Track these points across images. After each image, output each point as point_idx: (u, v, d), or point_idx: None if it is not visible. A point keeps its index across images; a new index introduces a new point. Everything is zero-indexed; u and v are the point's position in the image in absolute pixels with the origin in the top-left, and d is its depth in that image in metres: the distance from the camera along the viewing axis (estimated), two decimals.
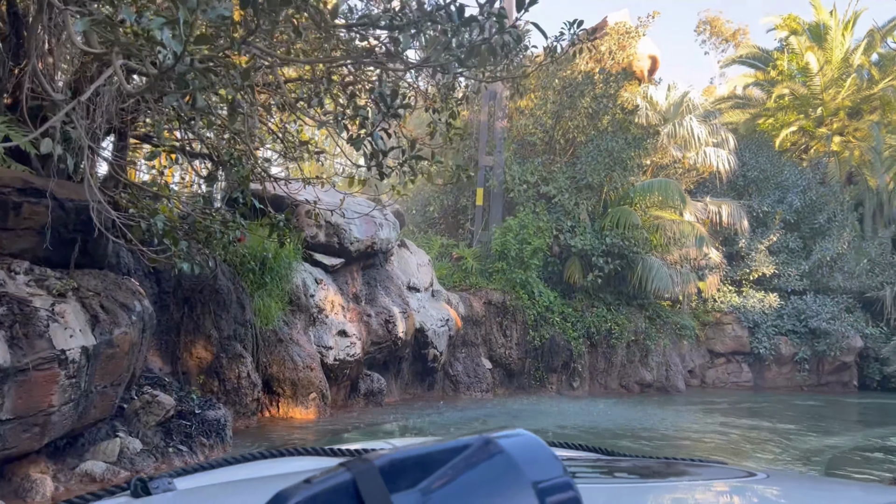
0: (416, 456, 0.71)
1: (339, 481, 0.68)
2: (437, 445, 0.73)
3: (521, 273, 16.28)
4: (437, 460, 0.70)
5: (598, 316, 17.90)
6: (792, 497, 1.33)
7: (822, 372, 25.24)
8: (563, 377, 17.19)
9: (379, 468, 0.69)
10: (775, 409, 17.45)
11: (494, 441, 0.72)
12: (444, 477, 0.68)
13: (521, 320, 16.49)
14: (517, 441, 0.73)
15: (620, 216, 17.55)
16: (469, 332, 15.53)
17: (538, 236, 16.74)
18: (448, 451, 0.71)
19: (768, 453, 10.70)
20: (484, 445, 0.72)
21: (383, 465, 0.69)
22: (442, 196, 19.29)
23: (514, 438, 0.74)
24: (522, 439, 0.74)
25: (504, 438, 0.73)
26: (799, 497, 1.32)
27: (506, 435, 0.74)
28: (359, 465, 0.69)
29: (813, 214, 26.03)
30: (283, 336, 10.64)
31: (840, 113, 29.87)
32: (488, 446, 0.72)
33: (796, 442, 11.85)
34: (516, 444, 0.73)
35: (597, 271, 17.63)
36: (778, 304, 24.50)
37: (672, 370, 19.87)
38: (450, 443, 0.73)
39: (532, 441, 0.74)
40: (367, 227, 12.83)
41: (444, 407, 13.69)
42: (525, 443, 0.73)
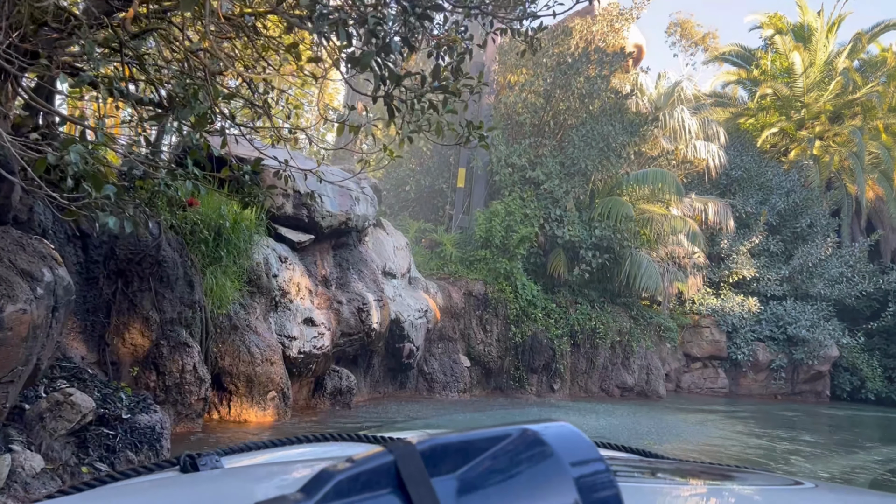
0: (458, 442, 0.71)
1: (381, 462, 0.68)
2: (479, 433, 0.72)
3: (505, 263, 14.78)
4: (478, 447, 0.70)
5: (583, 313, 16.54)
6: None
7: (797, 381, 24.48)
8: (544, 378, 15.77)
9: (420, 452, 0.69)
10: (781, 421, 16.32)
11: (536, 431, 0.72)
12: (485, 464, 0.68)
13: (503, 315, 14.99)
14: (558, 432, 0.72)
15: (612, 207, 16.19)
16: (447, 326, 13.97)
17: (525, 224, 15.25)
18: (489, 438, 0.71)
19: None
20: (525, 435, 0.71)
21: (425, 450, 0.69)
22: (419, 175, 17.65)
23: (555, 429, 0.73)
24: (564, 431, 0.73)
25: (545, 429, 0.72)
26: None
27: (548, 426, 0.73)
28: (400, 448, 0.70)
29: (795, 218, 25.23)
30: (239, 322, 8.90)
31: (822, 117, 29.19)
32: (530, 436, 0.71)
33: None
34: (557, 435, 0.72)
35: (584, 265, 16.25)
36: (757, 309, 23.61)
37: (653, 374, 18.67)
38: (491, 431, 0.72)
39: (573, 433, 0.73)
40: (341, 201, 11.13)
41: (418, 409, 12.12)
42: (566, 434, 0.72)
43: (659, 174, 16.63)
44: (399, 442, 0.71)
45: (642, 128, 16.65)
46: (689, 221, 17.97)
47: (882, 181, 27.36)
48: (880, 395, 25.95)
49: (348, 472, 0.67)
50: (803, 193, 25.26)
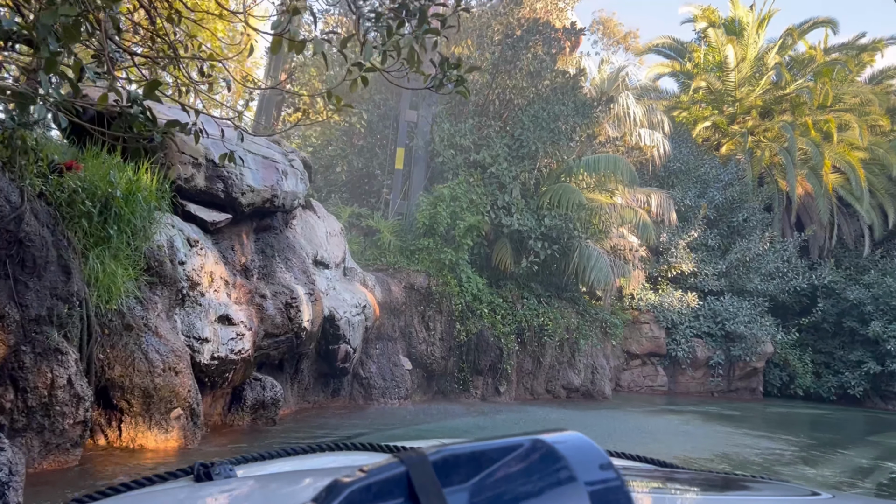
0: (470, 452, 0.70)
1: (393, 473, 0.68)
2: (491, 444, 0.71)
3: (450, 254, 13.22)
4: (490, 458, 0.69)
5: (530, 309, 15.19)
6: None
7: (733, 377, 24.11)
8: (490, 380, 14.33)
9: (432, 462, 0.68)
10: (772, 421, 15.45)
11: (548, 442, 0.71)
12: (497, 475, 0.67)
13: (448, 310, 13.44)
14: (571, 442, 0.71)
15: (562, 194, 14.89)
16: (386, 324, 12.29)
17: (471, 211, 13.74)
18: (501, 449, 0.70)
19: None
20: (537, 445, 0.70)
21: (437, 460, 0.68)
22: (351, 156, 15.84)
23: (567, 439, 0.72)
24: (576, 441, 0.72)
25: (556, 439, 0.71)
26: None
27: (560, 436, 0.72)
28: (413, 458, 0.69)
29: (731, 212, 24.85)
30: (135, 321, 6.95)
31: (753, 112, 29.11)
32: (542, 446, 0.70)
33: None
34: (570, 445, 0.71)
35: (532, 257, 14.89)
36: (696, 305, 23.03)
37: (599, 373, 17.58)
38: (503, 441, 0.71)
39: (585, 443, 0.72)
40: (265, 174, 9.27)
41: (354, 421, 10.40)
42: (578, 444, 0.71)
43: (611, 160, 15.46)
44: (411, 452, 0.71)
45: (594, 109, 15.43)
46: (640, 212, 16.95)
47: (811, 177, 27.42)
48: (808, 391, 26.00)
49: (360, 483, 0.67)
50: (740, 187, 24.89)
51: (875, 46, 28.36)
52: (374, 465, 0.71)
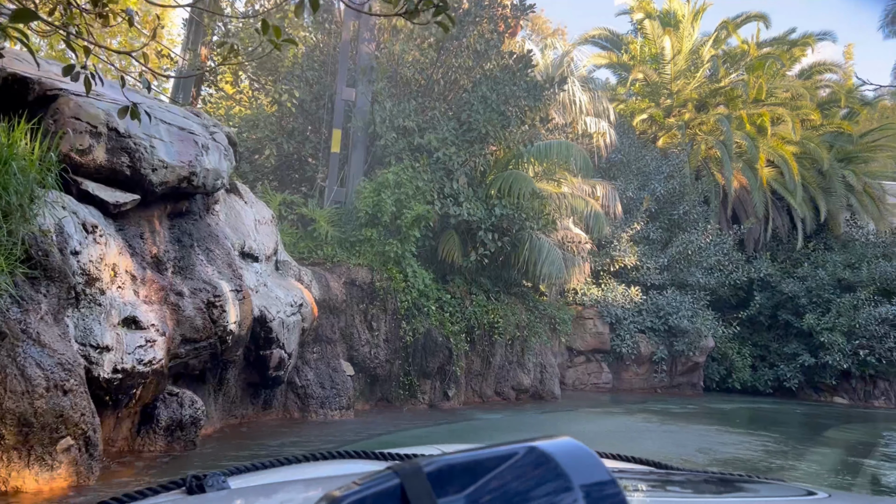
0: (464, 462, 0.69)
1: (387, 485, 0.67)
2: (486, 452, 0.71)
3: (396, 246, 11.92)
4: (485, 467, 0.68)
5: (479, 306, 14.06)
6: None
7: (675, 373, 23.75)
8: (438, 384, 13.11)
9: (427, 473, 0.67)
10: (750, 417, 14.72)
11: (542, 449, 0.70)
12: (492, 484, 0.66)
13: (393, 308, 12.14)
14: (565, 449, 0.70)
15: (513, 182, 13.81)
16: (325, 324, 10.88)
17: (418, 199, 12.48)
18: (496, 457, 0.69)
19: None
20: (532, 453, 0.69)
21: (431, 471, 0.67)
22: (281, 139, 14.27)
23: (561, 446, 0.71)
24: (570, 447, 0.71)
25: (551, 446, 0.70)
26: None
27: (554, 443, 0.71)
28: (407, 470, 0.68)
29: (672, 205, 24.47)
30: (8, 325, 5.37)
31: (689, 105, 28.95)
32: (536, 454, 0.69)
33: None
34: (564, 452, 0.70)
35: (482, 249, 13.76)
36: (640, 299, 22.49)
37: (548, 372, 16.64)
38: (498, 449, 0.71)
39: (580, 449, 0.71)
40: (181, 147, 7.74)
41: (289, 439, 8.99)
42: (573, 451, 0.70)
43: (564, 147, 14.48)
44: (405, 463, 0.70)
45: (546, 91, 14.40)
46: (591, 202, 16.07)
47: (746, 171, 27.43)
48: (745, 384, 25.99)
49: (353, 497, 0.66)
50: (681, 179, 24.53)
51: (805, 42, 28.68)
52: (368, 476, 0.69)
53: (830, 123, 28.58)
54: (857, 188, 27.87)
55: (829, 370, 25.59)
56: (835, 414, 21.11)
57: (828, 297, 25.63)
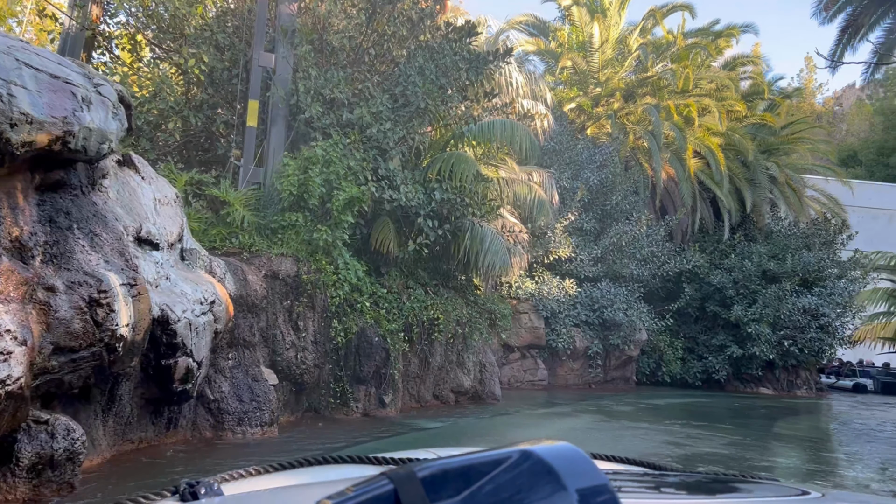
0: (458, 466, 0.69)
1: (381, 490, 0.66)
2: (479, 456, 0.70)
3: (325, 233, 10.32)
4: (478, 471, 0.68)
5: (418, 301, 12.64)
6: None
7: (609, 367, 23.11)
8: (373, 390, 11.60)
9: (420, 479, 0.67)
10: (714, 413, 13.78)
11: (536, 453, 0.69)
12: (486, 488, 0.66)
13: (322, 305, 10.54)
14: (559, 453, 0.70)
15: (455, 164, 12.45)
16: (242, 325, 9.18)
17: (349, 180, 10.94)
18: (490, 462, 0.69)
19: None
20: (526, 457, 0.69)
21: (425, 476, 0.67)
22: (187, 112, 12.34)
23: (556, 450, 0.70)
24: (564, 450, 0.71)
25: (545, 450, 0.70)
26: None
27: (548, 447, 0.71)
28: (400, 475, 0.68)
29: (605, 195, 23.78)
30: None
31: (617, 94, 28.44)
32: (530, 458, 0.69)
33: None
34: (558, 455, 0.69)
35: (421, 238, 12.35)
36: (574, 292, 21.65)
37: (488, 372, 15.41)
38: (492, 453, 0.70)
39: (574, 452, 0.71)
40: (54, 100, 5.94)
41: (200, 462, 7.31)
42: (567, 454, 0.70)
43: (508, 126, 13.21)
44: (399, 468, 0.69)
45: (489, 64, 13.08)
46: (535, 188, 14.91)
47: (674, 162, 27.16)
48: (675, 377, 25.72)
49: (348, 502, 0.66)
50: (613, 169, 23.86)
51: (730, 33, 28.72)
52: (361, 482, 0.69)
53: (754, 115, 28.74)
54: (779, 180, 28.14)
55: (755, 361, 25.65)
56: (771, 406, 20.93)
57: (754, 288, 25.67)
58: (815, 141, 29.12)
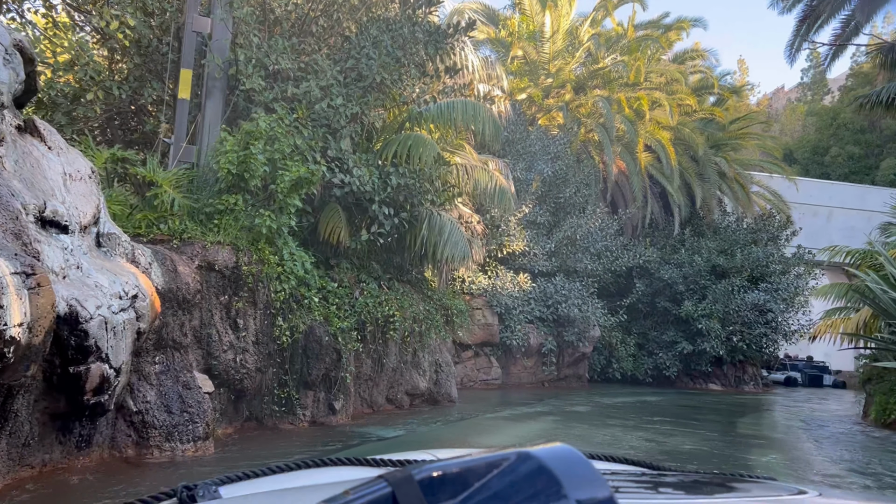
0: (456, 469, 0.69)
1: (378, 494, 0.67)
2: (477, 458, 0.71)
3: (269, 219, 9.09)
4: (476, 473, 0.68)
5: (371, 296, 11.52)
6: None
7: (563, 365, 22.43)
8: (322, 395, 10.43)
9: (418, 481, 0.67)
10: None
11: (534, 455, 0.69)
12: (483, 490, 0.66)
13: (265, 301, 9.31)
14: (557, 455, 0.70)
15: (413, 146, 11.37)
16: (172, 324, 7.89)
17: (295, 160, 9.73)
18: (487, 464, 0.69)
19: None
20: (523, 459, 0.69)
21: (422, 478, 0.67)
22: (110, 82, 10.85)
23: (553, 452, 0.70)
24: (562, 452, 0.71)
25: (543, 452, 0.70)
26: None
27: (545, 449, 0.71)
28: (397, 477, 0.68)
29: (558, 188, 23.07)
30: None
31: (568, 86, 27.84)
32: (527, 460, 0.69)
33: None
34: (555, 457, 0.69)
35: (376, 227, 11.23)
36: (529, 287, 20.87)
37: (444, 372, 14.40)
38: (489, 456, 0.71)
39: (572, 454, 0.71)
40: None
41: (117, 486, 6.04)
42: (565, 457, 0.70)
43: (471, 107, 12.18)
44: (397, 471, 0.70)
45: (449, 38, 12.03)
46: (496, 175, 13.95)
47: (625, 155, 26.75)
48: (625, 374, 25.31)
49: None
50: (566, 161, 23.17)
51: (680, 26, 28.48)
52: (359, 485, 0.69)
53: (703, 109, 28.60)
54: (728, 175, 28.07)
55: (704, 357, 25.47)
56: (728, 402, 20.61)
57: (704, 283, 25.46)
58: (762, 137, 29.21)
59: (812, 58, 69.87)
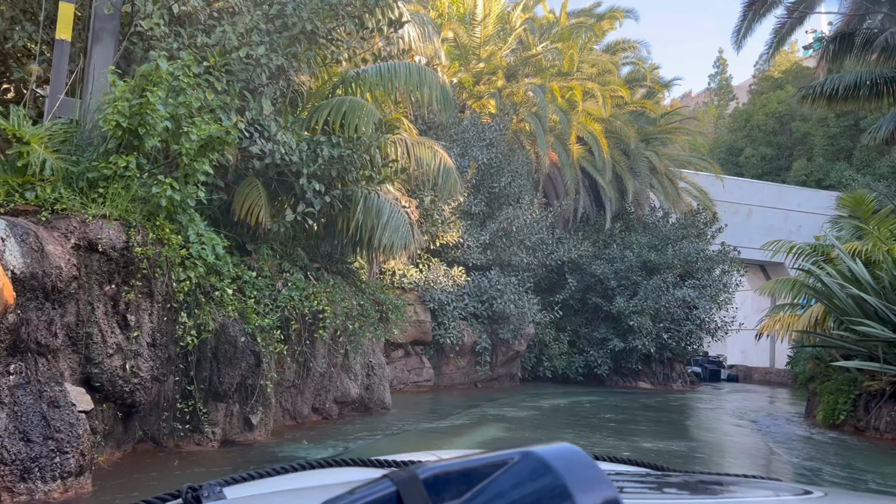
0: (460, 468, 0.69)
1: (383, 493, 0.67)
2: (481, 458, 0.71)
3: (170, 188, 7.18)
4: (480, 473, 0.68)
5: (297, 288, 9.73)
6: None
7: (496, 364, 21.16)
8: (236, 408, 8.58)
9: (423, 480, 0.67)
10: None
11: (538, 455, 0.69)
12: (488, 490, 0.66)
13: (164, 292, 7.39)
14: (561, 454, 0.70)
15: (349, 111, 9.65)
16: (35, 320, 5.90)
17: (206, 119, 7.84)
18: (492, 463, 0.69)
19: None
20: (528, 458, 0.69)
21: (427, 478, 0.67)
22: None
23: (557, 451, 0.70)
24: (566, 452, 0.70)
25: (548, 452, 0.70)
26: None
27: (550, 448, 0.71)
28: (402, 477, 0.68)
29: (493, 177, 21.77)
30: None
31: (499, 72, 26.64)
32: (532, 460, 0.69)
33: None
34: (560, 457, 0.69)
35: (304, 207, 9.46)
36: (463, 281, 19.47)
37: (376, 375, 12.75)
38: (493, 455, 0.70)
39: (576, 454, 0.70)
40: None
41: None
42: (569, 456, 0.70)
43: (415, 70, 10.54)
44: (401, 470, 0.70)
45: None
46: (440, 152, 12.38)
47: (558, 147, 25.78)
48: (556, 372, 24.36)
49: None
50: (501, 148, 21.89)
51: (613, 15, 27.81)
52: (363, 485, 0.69)
53: (635, 102, 28.05)
54: (659, 170, 27.61)
55: (635, 355, 24.85)
56: (664, 401, 19.86)
57: (635, 279, 24.81)
58: (693, 133, 28.96)
59: (719, 63, 72.23)
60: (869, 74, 16.65)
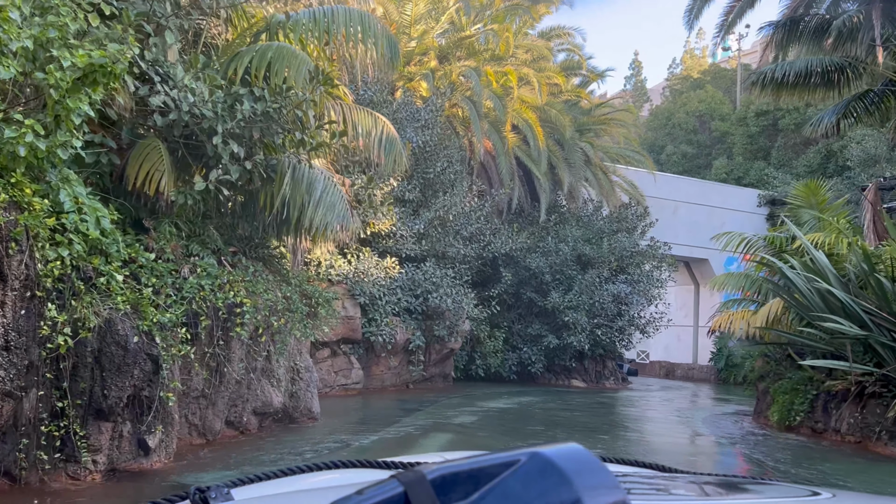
0: (468, 469, 0.68)
1: (391, 494, 0.66)
2: (489, 458, 0.70)
3: (31, 131, 5.21)
4: (488, 473, 0.67)
5: (209, 276, 7.83)
6: None
7: (430, 363, 19.60)
8: (127, 427, 6.63)
9: (430, 481, 0.67)
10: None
11: (546, 455, 0.69)
12: (496, 491, 0.65)
13: (22, 277, 5.41)
14: (569, 455, 0.69)
15: (275, 59, 7.85)
16: None
17: (72, 43, 5.88)
18: (499, 464, 0.68)
19: None
20: (535, 459, 0.68)
21: (435, 478, 0.67)
22: None
23: (565, 452, 0.70)
24: (574, 453, 0.70)
25: (555, 452, 0.70)
26: None
27: (557, 449, 0.70)
28: (410, 477, 0.68)
29: (427, 161, 20.19)
30: None
31: (431, 53, 25.08)
32: (540, 460, 0.68)
33: None
34: (568, 458, 0.69)
35: (220, 174, 7.58)
36: (396, 274, 17.81)
37: (303, 380, 10.93)
38: (501, 456, 0.70)
39: (584, 455, 0.70)
40: None
41: None
42: (577, 457, 0.69)
43: (357, 16, 8.83)
44: (409, 471, 0.70)
45: None
46: (382, 120, 10.67)
47: (493, 134, 24.46)
48: (489, 371, 23.07)
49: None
50: (436, 131, 20.35)
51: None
52: (371, 485, 0.68)
53: (570, 91, 27.11)
54: (593, 162, 26.77)
55: (569, 352, 23.89)
56: (603, 400, 18.86)
57: (570, 273, 23.82)
58: (628, 125, 28.30)
59: (635, 65, 73.37)
60: (820, 62, 16.06)
